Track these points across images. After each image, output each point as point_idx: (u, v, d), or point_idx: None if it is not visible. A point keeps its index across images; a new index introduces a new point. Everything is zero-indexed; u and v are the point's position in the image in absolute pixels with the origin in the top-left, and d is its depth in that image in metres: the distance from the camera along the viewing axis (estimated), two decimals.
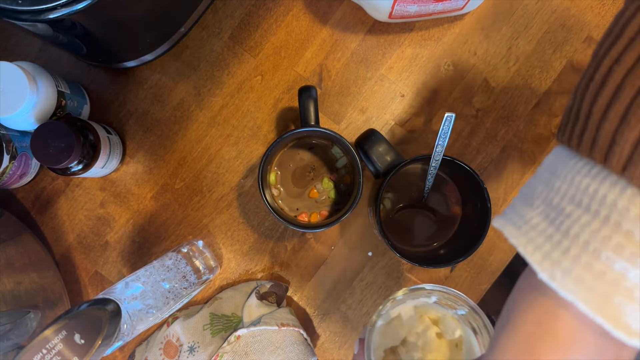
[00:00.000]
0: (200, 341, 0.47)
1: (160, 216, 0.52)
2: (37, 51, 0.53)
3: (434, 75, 0.52)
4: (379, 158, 0.45)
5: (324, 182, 0.49)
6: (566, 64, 0.52)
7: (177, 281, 0.45)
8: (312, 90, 0.46)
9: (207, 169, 0.52)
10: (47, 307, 0.46)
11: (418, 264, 0.44)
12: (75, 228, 0.52)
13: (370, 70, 0.52)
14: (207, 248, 0.51)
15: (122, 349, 0.52)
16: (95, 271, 0.52)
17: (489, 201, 0.43)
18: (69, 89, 0.47)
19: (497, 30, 0.52)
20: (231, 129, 0.53)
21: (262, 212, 0.52)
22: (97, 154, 0.46)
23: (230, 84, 0.52)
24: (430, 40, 0.52)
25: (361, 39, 0.52)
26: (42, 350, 0.31)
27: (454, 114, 0.41)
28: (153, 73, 0.53)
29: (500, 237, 0.51)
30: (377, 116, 0.52)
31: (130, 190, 0.53)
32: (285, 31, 0.52)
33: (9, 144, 0.45)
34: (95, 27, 0.42)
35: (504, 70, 0.52)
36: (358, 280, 0.52)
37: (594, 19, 0.52)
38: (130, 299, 0.40)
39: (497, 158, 0.52)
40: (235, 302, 0.50)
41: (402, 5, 0.45)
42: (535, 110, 0.52)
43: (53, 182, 0.52)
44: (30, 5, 0.36)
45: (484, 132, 0.52)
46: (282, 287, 0.50)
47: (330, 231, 0.52)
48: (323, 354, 0.52)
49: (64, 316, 0.32)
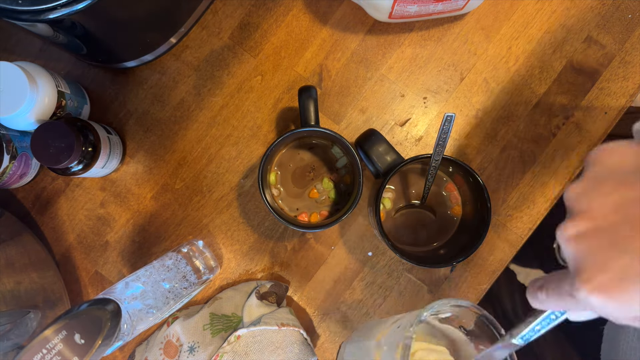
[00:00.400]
0: (200, 341, 0.47)
1: (160, 216, 0.52)
2: (37, 51, 0.53)
3: (434, 76, 0.52)
4: (379, 158, 0.45)
5: (324, 182, 0.49)
6: (566, 64, 0.52)
7: (177, 281, 0.45)
8: (312, 90, 0.46)
9: (207, 169, 0.52)
10: (47, 307, 0.46)
11: (418, 264, 0.44)
12: (76, 228, 0.52)
13: (370, 70, 0.52)
14: (207, 248, 0.51)
15: (122, 349, 0.52)
16: (95, 271, 0.52)
17: (489, 201, 0.43)
18: (69, 89, 0.47)
19: (497, 30, 0.52)
20: (231, 129, 0.53)
21: (262, 212, 0.52)
22: (97, 154, 0.46)
23: (230, 84, 0.52)
24: (430, 40, 0.52)
25: (361, 39, 0.52)
26: (42, 350, 0.31)
27: (454, 114, 0.41)
28: (153, 73, 0.53)
29: (500, 237, 0.51)
30: (377, 116, 0.52)
31: (131, 190, 0.53)
32: (285, 31, 0.52)
33: (9, 144, 0.45)
34: (95, 27, 0.42)
35: (504, 70, 0.52)
36: (358, 280, 0.52)
37: (594, 19, 0.51)
38: (130, 299, 0.40)
39: (497, 158, 0.52)
40: (235, 302, 0.50)
41: (402, 5, 0.45)
42: (535, 110, 0.52)
43: (53, 182, 0.52)
44: (30, 5, 0.36)
45: (484, 132, 0.52)
46: (282, 287, 0.50)
47: (330, 231, 0.52)
48: (323, 354, 0.52)
49: (64, 316, 0.32)
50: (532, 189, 0.51)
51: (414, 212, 0.49)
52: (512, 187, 0.52)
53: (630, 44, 0.51)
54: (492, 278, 0.52)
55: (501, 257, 0.51)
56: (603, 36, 0.51)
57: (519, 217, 0.51)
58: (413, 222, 0.49)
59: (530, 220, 0.51)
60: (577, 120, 0.51)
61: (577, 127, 0.52)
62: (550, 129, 0.52)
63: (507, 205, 0.51)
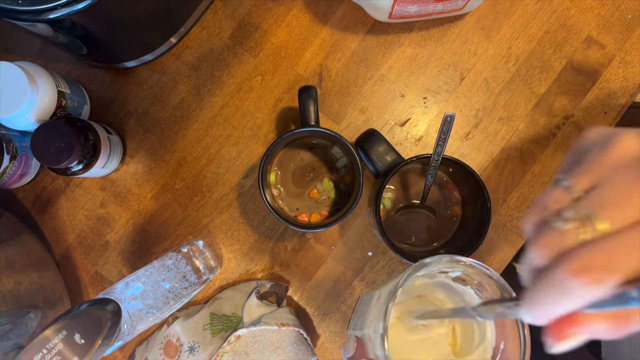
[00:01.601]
0: (200, 341, 0.47)
1: (160, 216, 0.52)
2: (37, 51, 0.53)
3: (434, 76, 0.52)
4: (379, 158, 0.45)
5: (324, 182, 0.49)
6: (566, 64, 0.52)
7: (177, 281, 0.45)
8: (312, 90, 0.46)
9: (207, 169, 0.52)
10: (47, 307, 0.46)
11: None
12: (76, 228, 0.52)
13: (370, 70, 0.52)
14: (207, 248, 0.51)
15: (122, 349, 0.52)
16: (95, 271, 0.52)
17: (489, 201, 0.43)
18: (69, 89, 0.48)
19: (497, 30, 0.52)
20: (231, 129, 0.53)
21: (262, 212, 0.52)
22: (97, 154, 0.46)
23: (230, 84, 0.52)
24: (430, 40, 0.52)
25: (361, 39, 0.52)
26: (42, 350, 0.31)
27: (454, 114, 0.41)
28: (153, 73, 0.53)
29: (500, 236, 0.51)
30: (377, 116, 0.52)
31: (131, 190, 0.53)
32: (285, 31, 0.52)
33: (9, 144, 0.45)
34: (95, 27, 0.42)
35: (504, 70, 0.52)
36: (358, 280, 0.52)
37: (594, 19, 0.52)
38: (130, 299, 0.40)
39: (497, 158, 0.52)
40: (235, 302, 0.50)
41: (402, 5, 0.45)
42: (535, 110, 0.52)
43: (53, 182, 0.52)
44: (30, 5, 0.36)
45: (484, 132, 0.52)
46: (282, 287, 0.50)
47: (330, 231, 0.52)
48: (323, 354, 0.52)
49: (64, 316, 0.32)
50: (532, 189, 0.51)
51: (414, 212, 0.49)
52: (512, 187, 0.52)
53: (630, 44, 0.51)
54: None
55: (501, 257, 0.52)
56: (603, 36, 0.52)
57: (519, 217, 0.51)
58: (413, 222, 0.49)
59: None
60: (577, 120, 0.51)
61: (577, 127, 0.52)
62: (550, 129, 0.52)
63: (507, 205, 0.51)
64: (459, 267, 0.34)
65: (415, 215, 0.49)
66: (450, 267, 0.35)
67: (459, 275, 0.36)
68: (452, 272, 0.36)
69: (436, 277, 0.38)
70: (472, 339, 0.37)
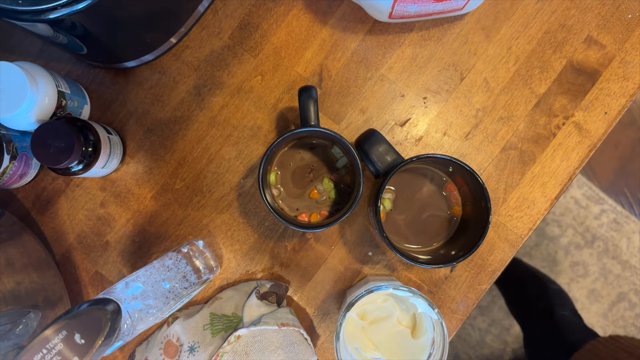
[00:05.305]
0: (200, 341, 0.47)
1: (160, 216, 0.52)
2: (37, 51, 0.53)
3: (434, 76, 0.52)
4: (379, 158, 0.45)
5: (324, 182, 0.49)
6: (566, 64, 0.52)
7: (177, 281, 0.45)
8: (312, 90, 0.46)
9: (208, 169, 0.52)
10: (47, 307, 0.46)
11: (418, 264, 0.44)
12: (76, 228, 0.52)
13: (370, 70, 0.52)
14: (207, 248, 0.51)
15: (122, 349, 0.52)
16: (95, 271, 0.53)
17: (489, 201, 0.43)
18: (69, 89, 0.48)
19: (497, 30, 0.52)
20: (231, 129, 0.53)
21: (262, 212, 0.52)
22: (98, 154, 0.46)
23: (230, 84, 0.52)
24: (430, 40, 0.52)
25: (361, 39, 0.52)
26: (42, 350, 0.31)
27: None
28: (153, 73, 0.53)
29: (500, 236, 0.51)
30: (377, 116, 0.52)
31: (131, 190, 0.53)
32: (285, 31, 0.52)
33: (9, 144, 0.45)
34: (95, 27, 0.42)
35: (504, 70, 0.52)
36: (358, 280, 0.52)
37: (594, 19, 0.52)
38: (130, 299, 0.40)
39: (497, 158, 0.52)
40: (235, 302, 0.50)
41: (402, 5, 0.45)
42: (535, 110, 0.52)
43: (53, 182, 0.52)
44: (30, 5, 0.36)
45: (484, 132, 0.52)
46: (282, 287, 0.50)
47: (330, 231, 0.52)
48: (323, 354, 0.52)
49: (64, 316, 0.32)
50: (532, 189, 0.51)
51: (414, 212, 0.49)
52: (512, 187, 0.52)
53: (630, 44, 0.51)
54: (492, 278, 0.52)
55: (501, 257, 0.52)
56: (603, 36, 0.52)
57: (519, 217, 0.51)
58: (413, 222, 0.49)
59: (530, 220, 0.51)
60: (577, 120, 0.52)
61: (577, 127, 0.52)
62: (550, 129, 0.52)
63: (507, 205, 0.51)
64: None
65: (415, 215, 0.49)
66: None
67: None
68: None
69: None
70: (421, 325, 0.46)
